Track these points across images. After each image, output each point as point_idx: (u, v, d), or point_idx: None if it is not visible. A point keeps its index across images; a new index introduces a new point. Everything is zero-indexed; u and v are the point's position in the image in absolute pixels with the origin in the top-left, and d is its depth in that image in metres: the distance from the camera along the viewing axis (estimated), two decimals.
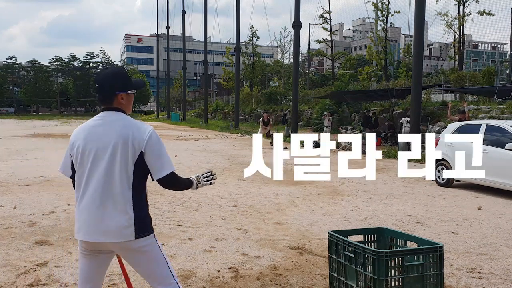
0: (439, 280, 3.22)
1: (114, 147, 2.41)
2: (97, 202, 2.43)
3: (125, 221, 2.42)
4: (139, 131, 2.45)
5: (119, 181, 2.41)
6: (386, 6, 35.98)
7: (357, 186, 9.63)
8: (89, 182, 2.46)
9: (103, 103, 2.54)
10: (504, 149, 8.62)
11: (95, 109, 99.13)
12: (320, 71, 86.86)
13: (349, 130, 20.18)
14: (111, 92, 2.51)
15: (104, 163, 2.42)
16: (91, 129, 2.51)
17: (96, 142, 2.46)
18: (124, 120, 2.50)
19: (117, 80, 2.53)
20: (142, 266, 2.56)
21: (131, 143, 2.41)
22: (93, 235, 2.45)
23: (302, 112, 34.26)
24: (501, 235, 5.97)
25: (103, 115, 2.52)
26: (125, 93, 2.55)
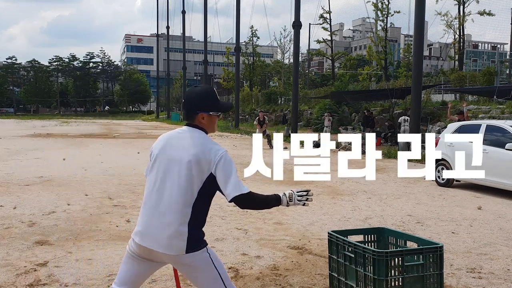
0: (439, 280, 3.22)
1: (187, 163, 2.45)
2: (158, 211, 2.49)
3: (178, 235, 2.45)
4: (211, 152, 2.48)
5: (183, 196, 2.46)
6: (386, 6, 35.98)
7: (357, 186, 9.63)
8: (157, 190, 2.51)
9: (186, 119, 2.62)
10: (504, 149, 8.62)
11: (94, 109, 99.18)
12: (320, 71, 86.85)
13: (349, 130, 20.17)
14: (193, 110, 2.57)
15: (174, 176, 2.47)
16: (171, 140, 2.58)
17: (171, 153, 2.52)
18: (201, 139, 2.53)
19: (202, 100, 2.57)
20: (194, 280, 2.59)
21: (203, 163, 2.45)
22: (147, 241, 2.50)
23: (302, 112, 34.26)
24: (501, 235, 5.97)
25: (185, 129, 2.59)
26: (206, 113, 2.57)
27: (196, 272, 2.52)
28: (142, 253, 2.57)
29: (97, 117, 76.21)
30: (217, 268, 2.56)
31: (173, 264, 2.59)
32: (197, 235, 2.51)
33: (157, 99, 75.23)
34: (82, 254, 4.85)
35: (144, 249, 2.54)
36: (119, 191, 8.60)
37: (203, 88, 2.66)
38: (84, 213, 6.77)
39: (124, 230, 5.88)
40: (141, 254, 2.57)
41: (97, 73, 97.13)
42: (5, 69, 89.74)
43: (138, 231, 2.58)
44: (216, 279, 2.54)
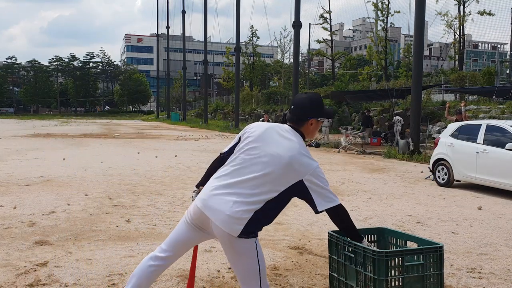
0: (439, 280, 3.22)
1: (281, 162, 2.52)
2: (233, 189, 2.54)
3: (240, 218, 2.48)
4: (307, 161, 2.55)
5: (263, 189, 2.51)
6: (386, 6, 36.02)
7: (357, 186, 9.63)
8: (240, 170, 2.58)
9: (294, 123, 2.70)
10: (504, 149, 8.62)
11: (94, 109, 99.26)
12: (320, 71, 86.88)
13: (349, 130, 20.17)
14: (305, 116, 2.66)
15: (263, 166, 2.53)
16: (272, 133, 2.64)
17: (269, 145, 2.58)
18: (301, 146, 2.61)
19: (313, 106, 2.68)
20: (234, 265, 2.64)
21: (296, 168, 2.51)
22: (209, 210, 2.54)
23: None
24: (501, 235, 5.97)
25: (288, 129, 2.67)
26: (316, 119, 2.69)
27: (239, 258, 2.56)
28: (198, 221, 2.63)
29: (97, 117, 76.23)
30: (259, 262, 2.60)
31: (221, 242, 2.60)
32: (255, 226, 2.54)
33: (157, 99, 75.27)
34: (82, 254, 4.85)
35: (202, 216, 2.59)
36: (119, 191, 8.61)
37: (313, 95, 2.75)
38: (84, 213, 6.78)
39: (124, 230, 5.88)
40: (197, 221, 2.64)
41: (97, 73, 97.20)
42: (5, 69, 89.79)
43: (203, 198, 2.61)
44: (254, 271, 2.59)
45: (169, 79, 66.13)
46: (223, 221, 2.49)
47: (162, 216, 6.65)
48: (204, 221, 2.61)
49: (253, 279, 2.60)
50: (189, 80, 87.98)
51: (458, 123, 10.65)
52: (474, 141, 9.39)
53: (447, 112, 14.90)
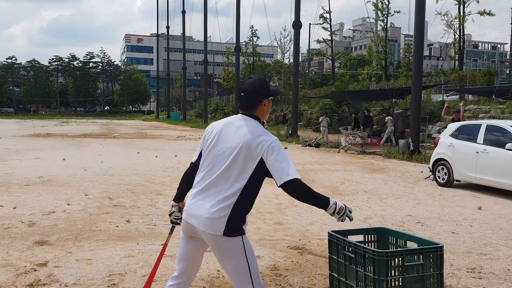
0: (439, 280, 3.22)
1: (239, 149, 2.54)
2: (207, 192, 2.58)
3: (220, 216, 2.51)
4: (263, 139, 2.54)
5: (234, 180, 2.54)
6: (386, 6, 36.03)
7: (357, 186, 9.62)
8: (208, 172, 2.62)
9: (245, 109, 2.68)
10: (504, 149, 8.62)
11: (94, 109, 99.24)
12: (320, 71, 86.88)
13: (349, 130, 20.18)
14: (258, 99, 2.66)
15: (226, 161, 2.56)
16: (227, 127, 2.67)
17: (226, 140, 2.61)
18: (256, 127, 2.62)
19: (264, 87, 2.69)
20: (224, 267, 2.66)
21: (254, 149, 2.52)
22: (192, 219, 2.60)
23: (302, 112, 34.25)
24: (501, 235, 5.97)
25: (240, 118, 2.67)
26: (267, 99, 2.69)
27: (227, 257, 2.57)
28: (188, 232, 2.68)
29: (97, 117, 76.22)
30: (247, 259, 2.59)
31: (210, 245, 2.63)
32: (238, 221, 2.55)
33: (157, 99, 75.27)
34: (82, 254, 4.84)
35: (189, 226, 2.64)
36: (119, 191, 8.60)
37: (260, 77, 2.79)
38: (84, 213, 6.77)
39: (124, 230, 5.88)
40: (187, 232, 2.69)
41: (97, 73, 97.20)
42: (5, 69, 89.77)
43: (185, 209, 2.67)
44: (245, 270, 2.58)
45: (169, 79, 66.14)
46: (205, 224, 2.52)
47: (162, 216, 6.65)
48: (192, 231, 2.65)
49: (245, 278, 2.59)
50: (189, 80, 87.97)
51: (458, 123, 10.64)
52: (474, 141, 9.39)
53: (444, 111, 14.88)
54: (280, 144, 2.58)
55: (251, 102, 2.66)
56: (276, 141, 2.55)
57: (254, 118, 2.67)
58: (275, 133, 25.44)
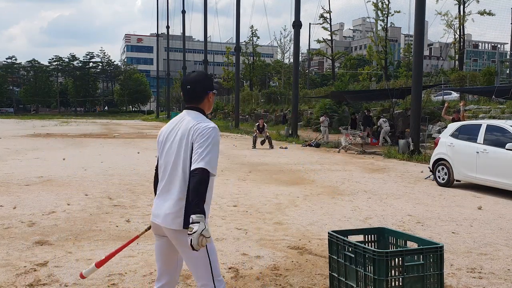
0: (439, 280, 3.22)
1: (181, 139, 2.61)
2: (165, 189, 2.66)
3: (177, 210, 2.55)
4: (202, 125, 2.57)
5: (182, 173, 2.58)
6: (386, 6, 35.99)
7: (357, 186, 9.62)
8: (163, 171, 2.71)
9: (191, 102, 2.74)
10: (504, 149, 8.62)
11: (94, 109, 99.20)
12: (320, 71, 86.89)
13: (349, 130, 20.18)
14: (204, 91, 2.73)
15: (173, 156, 2.64)
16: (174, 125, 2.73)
17: (174, 137, 2.68)
18: (197, 116, 2.68)
19: (208, 80, 2.78)
20: (186, 261, 2.66)
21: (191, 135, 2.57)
22: (155, 217, 2.69)
23: (302, 112, 34.25)
24: (502, 235, 5.97)
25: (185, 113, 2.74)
26: (212, 92, 2.77)
27: (189, 252, 2.53)
28: (156, 231, 2.75)
29: (97, 117, 76.22)
30: (209, 254, 2.61)
31: (173, 242, 2.65)
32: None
33: (157, 99, 75.25)
34: (82, 254, 4.84)
35: (155, 226, 2.71)
36: (119, 191, 8.60)
37: (203, 71, 2.89)
38: (84, 213, 6.77)
39: (124, 230, 5.87)
40: (156, 232, 2.75)
41: (97, 73, 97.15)
42: (5, 69, 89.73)
43: (152, 210, 2.75)
44: (205, 264, 2.60)
45: (169, 79, 66.13)
46: (166, 220, 2.58)
47: None
48: (159, 230, 2.70)
49: (205, 272, 2.60)
50: None
51: (458, 123, 10.64)
52: (474, 141, 9.39)
53: (444, 111, 14.88)
54: (217, 133, 2.57)
55: (197, 94, 2.71)
56: (212, 129, 2.54)
57: (199, 110, 2.71)
58: (275, 133, 25.44)
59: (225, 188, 9.10)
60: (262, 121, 20.16)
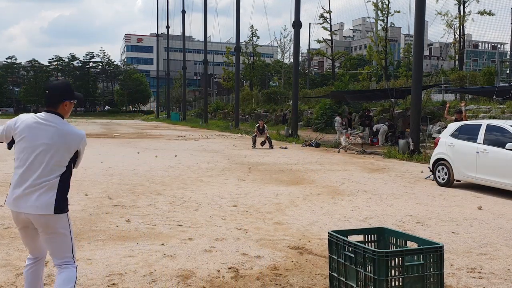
0: (439, 280, 3.22)
1: (56, 145, 2.98)
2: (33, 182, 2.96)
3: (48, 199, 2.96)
4: (77, 134, 3.11)
5: (54, 168, 3.00)
6: (386, 5, 35.98)
7: (357, 186, 9.62)
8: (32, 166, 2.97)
9: (48, 107, 3.05)
10: (504, 149, 8.62)
11: (94, 109, 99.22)
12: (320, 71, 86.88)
13: (349, 130, 20.17)
14: (60, 99, 3.05)
15: (47, 154, 2.97)
16: (36, 124, 3.00)
17: (38, 137, 2.98)
18: (64, 124, 3.06)
19: (67, 90, 3.09)
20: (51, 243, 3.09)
21: (73, 142, 3.07)
22: (21, 208, 3.00)
23: (302, 112, 34.25)
24: (502, 235, 5.97)
25: (46, 116, 3.03)
26: (69, 101, 3.09)
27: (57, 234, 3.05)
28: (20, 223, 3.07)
29: (97, 117, 76.22)
30: (71, 232, 3.15)
31: (41, 227, 3.02)
32: (63, 199, 3.01)
33: (157, 99, 75.27)
34: (82, 254, 4.84)
35: (21, 216, 3.02)
36: (119, 191, 8.60)
37: (65, 81, 3.21)
38: (84, 213, 6.77)
39: (124, 230, 5.88)
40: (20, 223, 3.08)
41: (97, 73, 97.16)
42: (5, 69, 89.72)
43: (12, 203, 3.01)
44: (68, 242, 3.11)
45: (169, 79, 66.14)
46: (37, 207, 2.92)
47: (162, 216, 6.65)
48: (21, 219, 3.02)
49: (68, 249, 3.07)
50: (189, 80, 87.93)
51: (458, 123, 10.64)
52: (474, 141, 9.39)
53: (446, 112, 14.90)
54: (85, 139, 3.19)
55: (54, 100, 3.03)
56: (85, 137, 3.18)
57: (58, 115, 3.05)
58: (275, 133, 25.42)
59: (225, 188, 9.11)
60: (262, 122, 20.19)
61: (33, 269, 3.18)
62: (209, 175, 10.94)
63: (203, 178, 10.37)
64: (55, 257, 3.06)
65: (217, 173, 11.22)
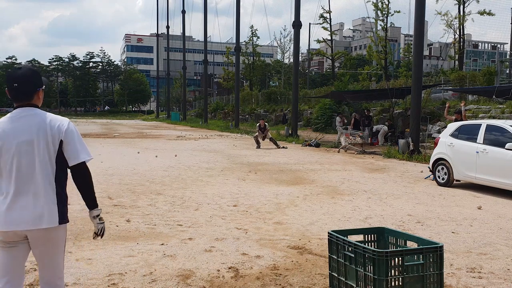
0: (439, 280, 3.22)
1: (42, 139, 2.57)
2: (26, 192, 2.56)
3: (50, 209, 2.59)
4: (58, 121, 2.63)
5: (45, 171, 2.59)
6: (386, 5, 35.97)
7: (357, 186, 9.62)
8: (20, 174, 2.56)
9: (23, 100, 2.64)
10: (504, 148, 8.62)
11: (94, 109, 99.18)
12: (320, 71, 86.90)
13: (349, 130, 20.17)
14: (35, 88, 2.67)
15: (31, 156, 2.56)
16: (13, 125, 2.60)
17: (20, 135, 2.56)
18: (42, 114, 2.64)
19: (38, 77, 2.71)
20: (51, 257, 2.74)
21: (54, 133, 2.59)
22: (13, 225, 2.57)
23: (302, 112, 34.25)
24: (501, 234, 5.97)
25: (21, 111, 2.63)
26: (42, 89, 2.72)
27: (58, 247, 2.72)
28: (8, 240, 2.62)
29: (97, 117, 76.21)
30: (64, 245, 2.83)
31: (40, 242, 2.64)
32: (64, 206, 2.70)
33: (157, 99, 75.27)
34: (82, 254, 4.85)
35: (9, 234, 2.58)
36: (119, 191, 8.61)
37: (31, 68, 2.75)
38: (84, 213, 6.75)
39: (124, 230, 5.88)
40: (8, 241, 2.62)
41: (97, 73, 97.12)
42: (5, 69, 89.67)
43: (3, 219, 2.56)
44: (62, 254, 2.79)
45: (169, 79, 66.13)
46: (35, 221, 2.54)
47: (162, 216, 6.66)
48: (14, 236, 2.58)
49: (61, 267, 2.75)
50: (189, 80, 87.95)
51: (458, 123, 10.64)
52: (474, 140, 9.39)
53: (446, 112, 14.90)
54: (74, 125, 2.72)
55: (27, 91, 2.64)
56: (70, 123, 2.68)
57: (35, 107, 2.67)
58: (275, 133, 25.42)
59: (225, 188, 9.11)
60: (263, 121, 20.24)
61: None
62: (209, 175, 10.94)
63: (203, 178, 10.37)
64: (44, 282, 2.69)
65: (217, 173, 11.22)
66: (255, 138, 19.24)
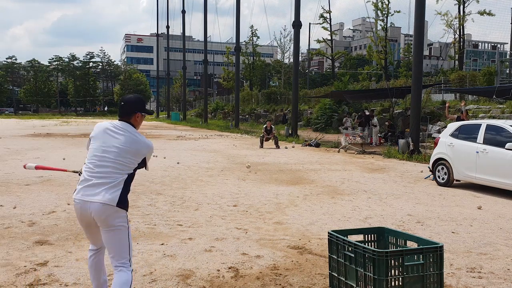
0: (439, 279, 3.22)
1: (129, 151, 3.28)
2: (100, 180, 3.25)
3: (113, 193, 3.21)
4: (145, 144, 3.36)
5: (123, 170, 3.32)
6: (386, 5, 35.98)
7: (357, 186, 9.62)
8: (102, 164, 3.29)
9: (122, 116, 3.37)
10: (504, 148, 8.62)
11: (94, 109, 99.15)
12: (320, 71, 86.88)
13: (349, 129, 20.17)
14: (132, 111, 3.37)
15: (117, 157, 3.27)
16: (111, 129, 3.33)
17: (113, 139, 3.29)
18: (135, 132, 3.37)
19: (139, 104, 3.42)
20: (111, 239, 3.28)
21: (142, 150, 3.34)
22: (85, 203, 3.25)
23: (302, 111, 34.25)
24: (501, 234, 5.97)
25: (121, 124, 3.34)
26: (141, 114, 3.41)
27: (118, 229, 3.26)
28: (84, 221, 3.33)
29: (97, 117, 76.21)
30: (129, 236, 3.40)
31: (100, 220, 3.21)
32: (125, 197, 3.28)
33: (157, 99, 75.29)
34: (82, 254, 4.85)
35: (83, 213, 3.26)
36: None
37: (138, 96, 3.54)
38: None
39: None
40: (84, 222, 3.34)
41: (97, 73, 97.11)
42: (5, 69, 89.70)
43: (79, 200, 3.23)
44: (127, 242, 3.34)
45: (169, 79, 66.14)
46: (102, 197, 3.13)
47: (162, 216, 6.66)
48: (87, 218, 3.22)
49: (125, 248, 3.26)
50: (189, 80, 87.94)
51: (458, 123, 10.64)
52: (474, 140, 9.39)
53: (447, 112, 14.90)
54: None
55: (127, 111, 3.35)
56: (152, 147, 3.43)
57: (131, 124, 3.35)
58: (275, 133, 25.45)
59: (225, 188, 9.11)
60: (270, 124, 20.47)
61: (95, 257, 3.48)
62: (209, 175, 10.94)
63: (203, 178, 10.37)
64: (113, 258, 3.22)
65: (217, 173, 11.22)
66: (261, 138, 19.71)
